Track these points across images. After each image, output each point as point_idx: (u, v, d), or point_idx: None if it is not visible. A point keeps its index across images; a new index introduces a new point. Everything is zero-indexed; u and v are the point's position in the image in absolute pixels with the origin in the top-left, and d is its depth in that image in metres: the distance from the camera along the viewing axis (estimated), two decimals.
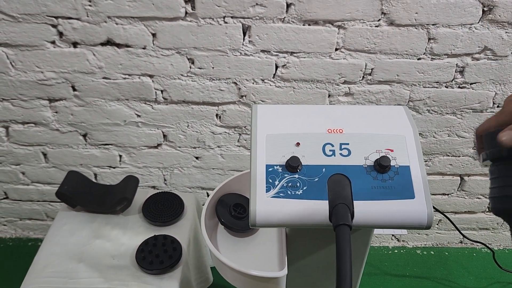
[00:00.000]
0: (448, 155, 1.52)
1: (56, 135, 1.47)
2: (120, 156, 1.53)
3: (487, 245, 1.56)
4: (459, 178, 1.61)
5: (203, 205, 1.10)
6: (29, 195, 1.67)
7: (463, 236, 1.41)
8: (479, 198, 1.67)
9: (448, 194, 1.66)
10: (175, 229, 1.23)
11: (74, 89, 1.36)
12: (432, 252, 1.83)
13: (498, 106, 1.40)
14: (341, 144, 0.87)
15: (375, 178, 0.82)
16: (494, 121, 0.58)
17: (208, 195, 1.66)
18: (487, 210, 1.72)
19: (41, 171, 1.58)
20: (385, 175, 0.87)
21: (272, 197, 0.83)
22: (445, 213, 1.18)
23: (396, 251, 1.82)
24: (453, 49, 1.26)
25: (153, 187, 1.63)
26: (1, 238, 1.81)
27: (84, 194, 1.25)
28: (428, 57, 1.28)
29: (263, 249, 1.11)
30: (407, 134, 0.90)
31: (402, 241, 1.82)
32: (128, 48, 1.26)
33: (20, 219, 1.76)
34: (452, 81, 1.34)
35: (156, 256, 1.13)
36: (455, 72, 1.32)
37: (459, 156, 1.53)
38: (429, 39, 1.24)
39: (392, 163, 0.86)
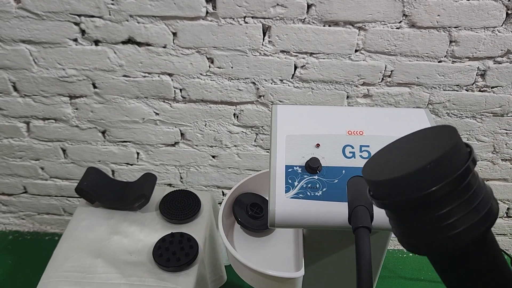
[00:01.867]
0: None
1: (76, 131, 1.49)
2: (138, 153, 1.55)
3: (505, 251, 1.54)
4: None
5: (220, 203, 1.10)
6: (47, 190, 1.69)
7: None
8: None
9: None
10: (191, 227, 1.24)
11: (95, 87, 1.38)
12: None
13: None
14: (361, 146, 0.87)
15: None
16: None
17: (223, 194, 1.66)
18: (505, 215, 1.69)
19: (60, 166, 1.61)
20: None
21: (291, 197, 0.83)
22: None
23: (411, 254, 1.80)
24: (475, 52, 1.25)
25: (169, 184, 1.64)
26: (20, 231, 1.84)
27: (103, 190, 1.27)
28: (449, 60, 1.27)
29: (279, 249, 1.11)
30: None
31: None
32: (148, 47, 1.27)
33: (38, 214, 1.79)
34: (472, 84, 1.32)
35: (173, 253, 1.14)
36: (476, 75, 1.30)
37: (478, 161, 1.52)
38: (450, 41, 1.23)
39: None
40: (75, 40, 1.28)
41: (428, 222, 0.44)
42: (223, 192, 1.66)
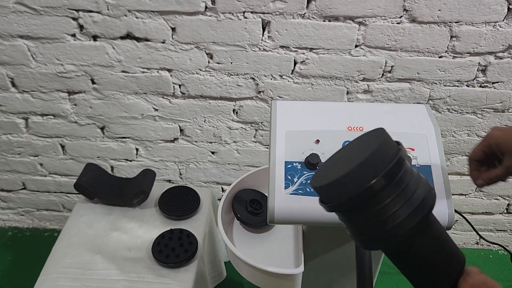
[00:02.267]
0: (467, 155, 1.50)
1: (75, 127, 1.48)
2: (137, 149, 1.54)
3: (505, 247, 1.54)
4: None
5: (219, 200, 1.10)
6: (46, 186, 1.69)
7: (481, 237, 1.39)
8: (497, 200, 1.65)
9: (465, 195, 1.64)
10: (191, 223, 1.24)
11: (93, 82, 1.37)
12: None
13: None
14: None
15: None
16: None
17: (223, 190, 1.66)
18: (505, 211, 1.69)
19: (59, 162, 1.60)
20: None
21: (290, 194, 0.83)
22: (462, 214, 1.16)
23: None
24: (476, 47, 1.24)
25: (169, 181, 1.64)
26: (19, 228, 1.83)
27: (102, 187, 1.27)
28: (450, 55, 1.26)
29: (278, 245, 1.11)
30: (428, 133, 0.89)
31: None
32: (147, 42, 1.27)
33: (37, 210, 1.79)
34: (473, 80, 1.32)
35: (172, 249, 1.13)
36: (477, 70, 1.30)
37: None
38: (451, 37, 1.22)
39: (413, 162, 0.85)
40: (74, 35, 1.27)
41: (371, 218, 0.48)
42: (222, 188, 1.66)
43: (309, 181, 0.83)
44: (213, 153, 1.54)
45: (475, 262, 1.78)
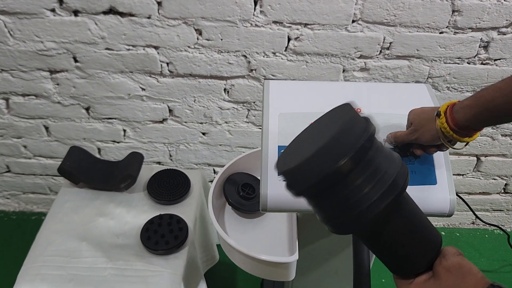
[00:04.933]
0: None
1: (58, 108, 1.42)
2: (124, 130, 1.48)
3: (501, 226, 1.52)
4: (475, 158, 1.55)
5: (211, 182, 1.05)
6: (31, 169, 1.63)
7: (477, 218, 1.36)
8: (495, 179, 1.62)
9: (463, 175, 1.61)
10: (181, 208, 1.19)
11: (76, 61, 1.30)
12: (443, 233, 1.79)
13: None
14: None
15: None
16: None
17: (214, 172, 1.61)
18: (502, 191, 1.66)
19: (44, 144, 1.54)
20: (405, 159, 0.81)
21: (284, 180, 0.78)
22: (459, 194, 1.13)
23: None
24: (479, 22, 1.18)
25: (158, 162, 1.59)
26: (5, 211, 1.78)
27: (87, 171, 1.21)
28: (451, 31, 1.20)
29: (272, 231, 1.07)
30: None
31: None
32: (132, 17, 1.19)
33: (23, 193, 1.73)
34: (475, 57, 1.26)
35: (162, 236, 1.09)
36: (479, 47, 1.24)
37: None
38: (453, 11, 1.16)
39: None
40: (53, 10, 1.19)
41: (340, 202, 0.45)
42: (214, 170, 1.61)
43: None
44: (204, 134, 1.48)
45: (471, 241, 1.76)
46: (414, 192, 0.74)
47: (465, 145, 0.72)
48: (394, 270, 0.51)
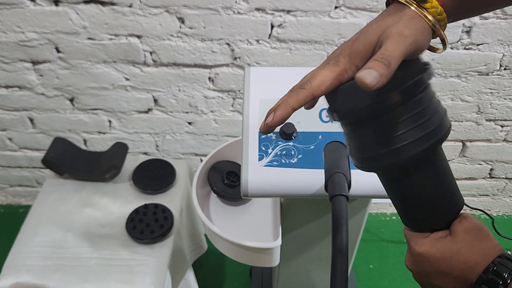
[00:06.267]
0: (450, 120, 1.47)
1: (42, 99, 1.41)
2: (110, 121, 1.47)
3: (486, 211, 1.53)
4: (461, 143, 1.56)
5: (195, 171, 1.05)
6: (17, 162, 1.62)
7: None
8: (480, 164, 1.63)
9: (449, 160, 1.62)
10: (166, 197, 1.19)
11: (58, 51, 1.29)
12: None
13: (505, 69, 1.33)
14: None
15: None
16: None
17: (201, 162, 1.61)
18: (488, 176, 1.68)
19: (29, 137, 1.53)
20: None
21: (265, 166, 0.78)
22: None
23: (394, 217, 1.79)
24: None
25: (145, 153, 1.58)
26: None
27: (71, 161, 1.21)
28: None
29: (256, 218, 1.07)
30: None
31: None
32: (113, 6, 1.18)
33: (11, 186, 1.72)
34: (457, 42, 1.27)
35: (147, 225, 1.09)
36: (462, 32, 1.24)
37: (462, 121, 1.48)
38: None
39: None
40: (33, 0, 1.18)
41: (379, 135, 0.44)
42: (201, 159, 1.61)
43: (284, 152, 0.78)
44: (189, 123, 1.48)
45: None
46: None
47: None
48: (409, 222, 0.51)
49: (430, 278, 0.48)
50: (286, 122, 0.79)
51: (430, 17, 0.43)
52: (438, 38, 0.48)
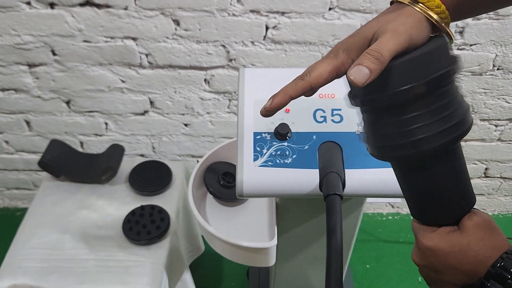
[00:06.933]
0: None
1: (38, 102, 1.41)
2: (106, 123, 1.48)
3: (482, 211, 1.54)
4: None
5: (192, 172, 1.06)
6: (14, 165, 1.62)
7: None
8: (475, 164, 1.64)
9: None
10: (163, 198, 1.20)
11: (54, 54, 1.29)
12: None
13: (498, 69, 1.34)
14: (333, 110, 0.83)
15: None
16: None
17: (198, 163, 1.62)
18: (483, 175, 1.69)
19: (25, 139, 1.53)
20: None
21: (259, 166, 0.79)
22: None
23: (390, 217, 1.80)
24: None
25: (142, 155, 1.59)
26: None
27: (68, 164, 1.21)
28: None
29: (252, 219, 1.08)
30: None
31: (397, 207, 1.80)
32: (108, 9, 1.19)
33: (7, 189, 1.72)
34: None
35: (144, 226, 1.10)
36: (455, 32, 1.25)
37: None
38: None
39: None
40: (28, 3, 1.18)
41: (401, 125, 0.44)
42: (198, 161, 1.61)
43: (278, 152, 0.79)
44: (186, 125, 1.49)
45: None
46: (387, 174, 0.76)
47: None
48: (419, 215, 0.51)
49: (438, 272, 0.48)
50: (280, 122, 0.80)
51: (433, 15, 0.45)
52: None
